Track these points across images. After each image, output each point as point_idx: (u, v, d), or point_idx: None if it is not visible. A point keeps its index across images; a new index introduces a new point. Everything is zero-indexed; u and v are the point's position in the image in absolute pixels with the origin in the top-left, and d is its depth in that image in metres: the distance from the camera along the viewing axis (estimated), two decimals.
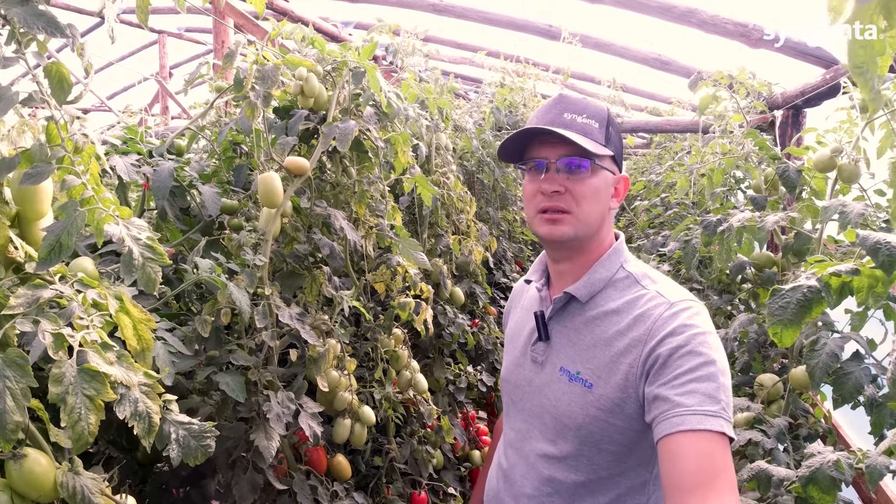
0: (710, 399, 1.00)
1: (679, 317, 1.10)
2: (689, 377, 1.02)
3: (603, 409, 1.15)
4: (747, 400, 2.00)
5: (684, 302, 1.13)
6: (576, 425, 1.18)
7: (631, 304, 1.17)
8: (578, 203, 1.20)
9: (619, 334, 1.15)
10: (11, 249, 1.08)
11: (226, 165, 1.98)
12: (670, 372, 1.05)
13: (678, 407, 1.00)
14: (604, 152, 1.19)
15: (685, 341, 1.06)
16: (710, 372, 1.03)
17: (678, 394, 1.02)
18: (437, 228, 3.00)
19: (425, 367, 2.98)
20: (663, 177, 4.80)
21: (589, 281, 1.23)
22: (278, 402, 1.69)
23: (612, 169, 1.23)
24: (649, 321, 1.12)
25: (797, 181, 2.19)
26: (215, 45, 4.12)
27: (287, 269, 1.95)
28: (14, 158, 0.95)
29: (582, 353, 1.20)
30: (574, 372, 1.20)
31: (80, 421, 0.89)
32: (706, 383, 1.01)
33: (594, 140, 1.19)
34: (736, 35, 3.30)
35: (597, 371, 1.17)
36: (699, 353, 1.04)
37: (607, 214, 1.25)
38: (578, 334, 1.22)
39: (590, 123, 1.20)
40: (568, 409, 1.20)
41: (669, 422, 1.00)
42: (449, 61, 6.66)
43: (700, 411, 0.99)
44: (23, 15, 0.98)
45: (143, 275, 1.03)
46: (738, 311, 3.20)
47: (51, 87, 0.97)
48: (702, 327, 1.09)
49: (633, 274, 1.22)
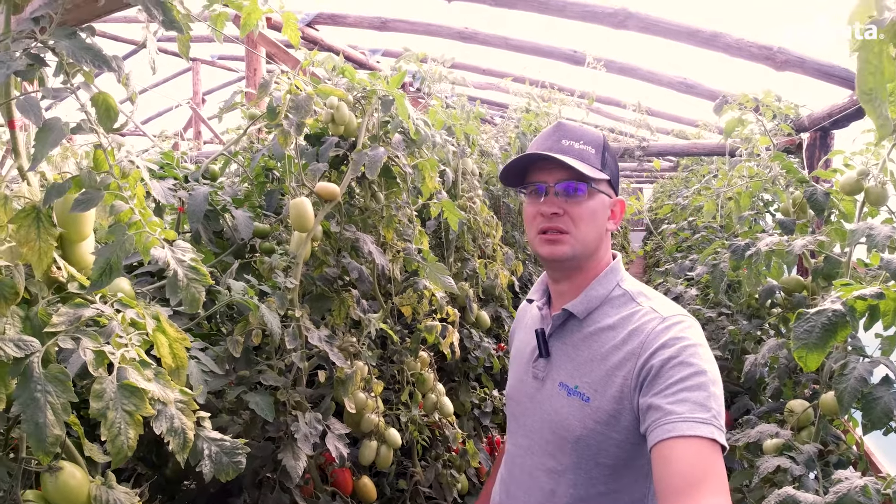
0: (700, 407, 1.03)
1: (671, 330, 1.15)
2: (680, 386, 1.06)
3: (600, 421, 1.19)
4: (777, 427, 1.97)
5: (676, 316, 1.18)
6: (574, 438, 1.22)
7: (626, 319, 1.22)
8: (576, 224, 1.26)
9: (615, 348, 1.20)
10: (55, 269, 1.13)
11: (258, 190, 2.04)
12: (662, 382, 1.09)
13: (670, 415, 1.04)
14: (600, 176, 1.25)
15: (676, 353, 1.10)
16: (700, 381, 1.06)
17: (670, 402, 1.05)
18: (464, 252, 3.03)
19: (451, 390, 2.99)
20: (690, 200, 4.78)
21: (586, 298, 1.28)
22: (306, 422, 1.71)
23: (608, 192, 1.29)
24: (643, 335, 1.17)
25: (825, 204, 2.18)
26: (247, 73, 4.23)
27: (316, 292, 1.99)
28: (64, 184, 1.01)
29: (580, 368, 1.25)
30: (572, 386, 1.25)
31: (119, 435, 0.93)
32: (697, 392, 1.05)
33: (591, 165, 1.25)
34: (761, 58, 3.30)
35: (593, 384, 1.21)
36: (690, 364, 1.08)
37: (604, 235, 1.31)
38: (576, 350, 1.27)
39: (586, 149, 1.27)
40: (567, 423, 1.24)
41: (661, 429, 1.04)
42: (475, 87, 6.73)
43: (691, 418, 1.02)
44: (71, 48, 1.04)
45: (187, 295, 1.07)
46: (767, 336, 3.17)
47: (98, 116, 1.02)
48: (693, 339, 1.13)
49: (629, 291, 1.27)
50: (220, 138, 5.79)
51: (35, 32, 1.06)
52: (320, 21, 4.72)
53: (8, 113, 1.07)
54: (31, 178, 1.09)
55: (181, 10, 1.34)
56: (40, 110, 0.98)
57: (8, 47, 1.03)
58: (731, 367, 3.56)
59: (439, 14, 4.39)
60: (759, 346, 3.04)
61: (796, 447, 1.81)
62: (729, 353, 3.53)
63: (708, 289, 3.78)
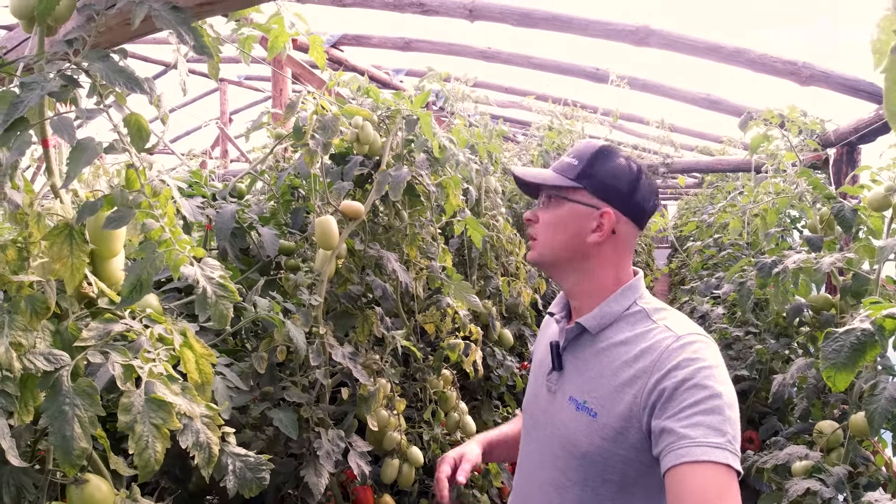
0: (715, 431, 1.02)
1: (685, 350, 1.13)
2: (694, 410, 1.05)
3: (606, 437, 1.18)
4: (806, 448, 1.93)
5: (691, 335, 1.16)
6: (581, 454, 1.22)
7: (639, 336, 1.21)
8: (543, 231, 1.32)
9: (626, 365, 1.19)
10: (85, 285, 1.16)
11: (284, 208, 2.07)
12: (676, 405, 1.07)
13: (683, 439, 1.02)
14: (566, 184, 1.29)
15: (691, 374, 1.08)
16: (715, 405, 1.05)
17: (683, 426, 1.04)
18: (487, 270, 3.03)
19: (473, 409, 2.97)
20: (716, 217, 4.74)
21: (600, 313, 1.27)
22: (329, 439, 1.72)
23: (586, 202, 1.28)
24: (656, 353, 1.15)
25: (853, 221, 2.15)
26: (273, 93, 4.30)
27: (340, 309, 2.01)
28: (97, 202, 1.03)
29: (589, 383, 1.24)
30: (581, 401, 1.24)
31: (147, 449, 0.94)
32: (711, 416, 1.03)
33: (564, 176, 1.29)
34: (785, 73, 3.28)
35: (601, 400, 1.20)
36: (705, 387, 1.06)
37: (590, 248, 1.29)
38: (587, 364, 1.27)
39: (570, 162, 1.31)
40: (574, 438, 1.23)
41: (675, 454, 1.02)
42: (497, 105, 6.77)
43: (705, 443, 1.01)
44: (104, 70, 1.07)
45: (215, 311, 1.08)
46: (795, 356, 3.11)
47: (130, 136, 1.05)
48: (708, 360, 1.11)
49: (646, 309, 1.26)
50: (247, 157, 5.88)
51: (69, 54, 1.10)
52: (345, 42, 4.79)
53: (42, 132, 1.10)
54: (63, 196, 1.12)
55: (211, 34, 1.37)
56: (74, 130, 1.01)
57: (42, 68, 1.06)
58: (759, 387, 3.50)
59: (462, 34, 4.44)
60: (787, 365, 2.99)
61: (826, 469, 1.77)
62: (756, 372, 3.48)
63: (735, 307, 3.73)
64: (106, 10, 1.13)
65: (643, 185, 1.30)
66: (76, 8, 1.16)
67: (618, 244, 1.30)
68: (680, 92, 4.88)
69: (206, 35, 1.14)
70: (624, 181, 1.29)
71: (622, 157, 1.32)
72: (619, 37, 3.41)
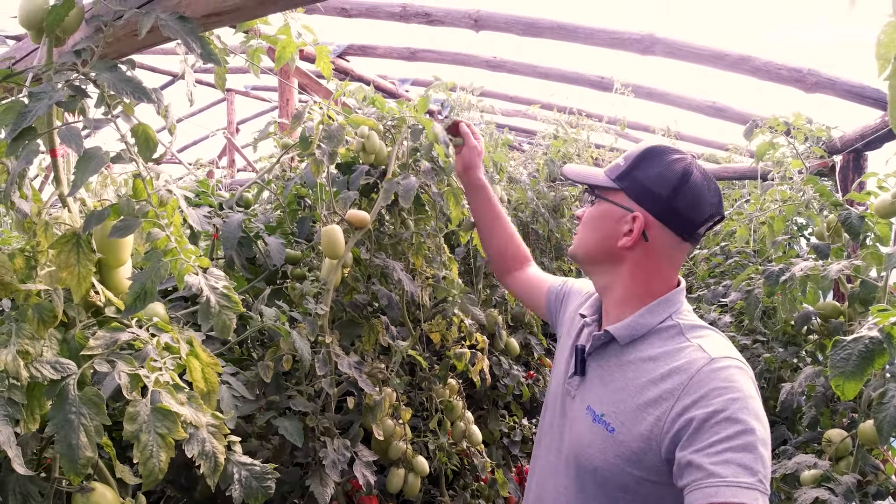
0: (746, 470, 0.97)
1: (718, 376, 1.06)
2: (725, 445, 0.99)
3: (621, 456, 1.13)
4: (814, 457, 1.92)
5: (726, 360, 1.09)
6: (592, 468, 1.18)
7: (670, 354, 1.15)
8: (582, 228, 1.34)
9: (652, 383, 1.13)
10: (92, 294, 1.16)
11: (290, 218, 2.07)
12: (706, 438, 1.01)
13: (712, 476, 0.97)
14: (607, 185, 1.28)
15: (723, 406, 1.02)
16: (748, 441, 0.99)
17: (713, 462, 0.98)
18: (493, 279, 3.02)
19: (479, 418, 2.96)
20: (722, 225, 4.72)
21: (631, 324, 1.22)
22: (334, 448, 1.71)
23: (622, 203, 1.25)
24: (685, 375, 1.09)
25: (860, 228, 2.14)
26: (280, 103, 4.33)
27: (346, 318, 2.01)
28: (104, 211, 1.04)
29: (610, 395, 1.20)
30: (599, 413, 1.19)
31: (151, 458, 0.94)
32: (743, 453, 0.98)
33: (607, 176, 1.29)
34: (790, 81, 3.28)
35: (621, 416, 1.15)
36: (737, 420, 1.01)
37: (621, 252, 1.25)
38: (611, 375, 1.22)
39: (619, 163, 1.30)
40: (588, 451, 1.19)
41: (703, 492, 0.97)
42: (502, 114, 6.78)
43: (734, 483, 0.95)
44: (112, 80, 1.08)
45: (218, 321, 1.09)
46: (804, 364, 3.09)
47: (137, 146, 1.06)
48: (743, 390, 1.04)
49: (681, 325, 1.20)
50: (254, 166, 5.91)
51: (77, 65, 1.11)
52: (351, 52, 4.83)
53: (50, 142, 1.11)
54: (71, 205, 1.13)
55: (218, 45, 1.39)
56: (81, 139, 1.02)
57: (51, 78, 1.07)
58: (768, 396, 3.47)
59: (467, 43, 4.46)
60: (795, 374, 2.97)
61: (834, 478, 1.76)
62: (765, 381, 3.45)
63: (742, 315, 3.71)
64: (114, 21, 1.14)
65: (691, 192, 1.20)
66: (84, 19, 1.17)
67: (650, 251, 1.23)
68: (685, 100, 4.88)
69: (212, 44, 1.15)
70: (665, 185, 1.21)
71: (676, 158, 1.23)
72: (624, 45, 3.41)
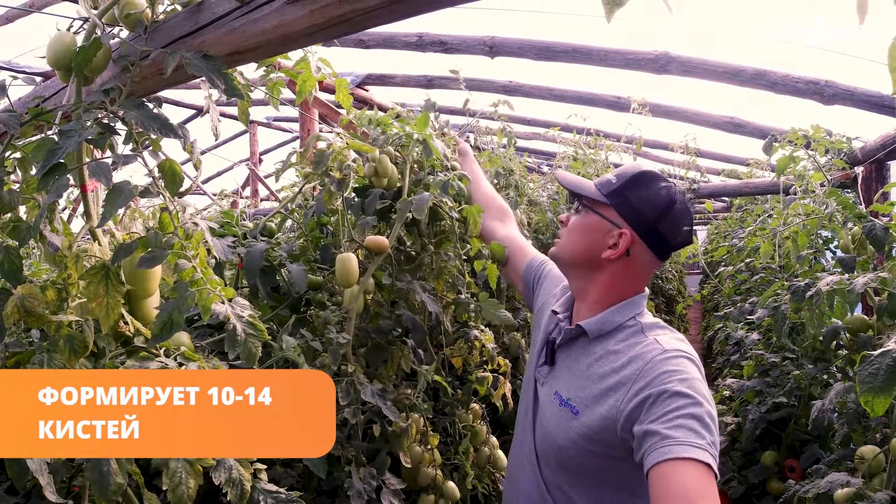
0: (696, 434, 1.08)
1: (670, 362, 1.20)
2: (676, 414, 1.11)
3: (583, 435, 1.27)
4: (847, 475, 1.88)
5: (677, 352, 1.23)
6: (557, 446, 1.32)
7: (630, 347, 1.30)
8: (567, 233, 1.44)
9: (613, 371, 1.28)
10: (121, 324, 1.19)
11: (313, 245, 2.10)
12: (659, 410, 1.14)
13: (666, 439, 1.08)
14: (597, 198, 1.37)
15: (674, 385, 1.16)
16: (697, 412, 1.11)
17: (666, 427, 1.10)
18: (515, 302, 3.02)
19: (504, 443, 2.93)
20: (746, 241, 4.67)
21: (601, 320, 1.35)
22: (360, 477, 1.71)
23: (611, 219, 1.36)
24: (641, 363, 1.23)
25: (885, 239, 2.11)
26: (301, 134, 4.40)
27: (371, 344, 2.01)
28: (132, 244, 1.07)
29: (576, 382, 1.34)
30: (566, 398, 1.34)
31: (181, 485, 0.96)
32: (692, 420, 1.10)
33: (598, 190, 1.39)
34: (808, 93, 3.26)
35: (585, 400, 1.29)
36: (686, 395, 1.13)
37: (602, 262, 1.36)
38: (578, 365, 1.37)
39: (610, 179, 1.40)
40: (554, 432, 1.34)
41: (658, 452, 1.08)
42: (520, 138, 6.82)
43: (686, 442, 1.06)
44: (139, 118, 1.12)
45: (244, 349, 1.11)
46: (834, 380, 3.03)
47: (164, 181, 1.09)
48: (691, 374, 1.18)
49: (642, 324, 1.34)
50: (277, 196, 5.99)
51: (105, 103, 1.15)
52: (370, 82, 4.91)
53: (80, 178, 1.15)
54: (101, 238, 1.17)
55: (241, 81, 1.43)
56: (111, 174, 1.05)
57: (80, 116, 1.11)
58: (799, 414, 3.40)
59: (484, 69, 4.51)
60: (826, 390, 2.91)
61: (868, 496, 1.72)
62: (795, 399, 3.38)
63: (770, 332, 3.66)
64: (140, 61, 1.18)
65: (672, 218, 1.35)
66: (112, 59, 1.22)
67: (630, 265, 1.36)
68: (703, 116, 4.87)
69: (235, 80, 1.18)
70: (653, 209, 1.34)
71: (663, 186, 1.37)
72: (639, 66, 3.43)
